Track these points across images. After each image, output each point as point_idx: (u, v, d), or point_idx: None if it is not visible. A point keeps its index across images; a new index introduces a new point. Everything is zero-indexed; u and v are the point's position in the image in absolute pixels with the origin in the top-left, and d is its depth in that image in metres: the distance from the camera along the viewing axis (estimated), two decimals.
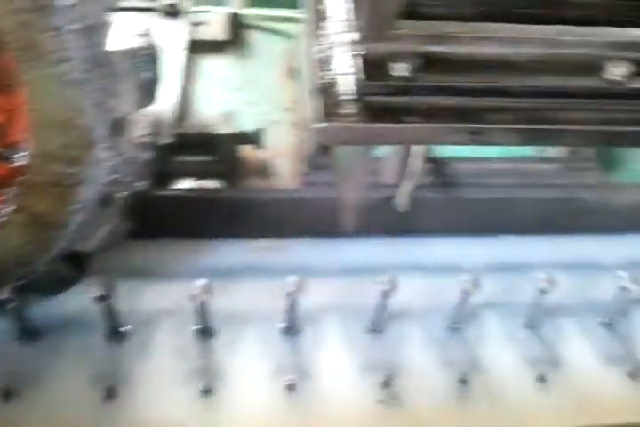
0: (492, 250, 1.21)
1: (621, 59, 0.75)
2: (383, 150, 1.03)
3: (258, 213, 1.08)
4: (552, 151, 1.18)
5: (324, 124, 0.67)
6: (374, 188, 1.04)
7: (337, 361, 1.04)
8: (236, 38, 1.61)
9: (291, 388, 0.99)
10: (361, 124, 0.67)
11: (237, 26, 1.65)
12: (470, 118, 0.69)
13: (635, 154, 1.29)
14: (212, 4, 1.71)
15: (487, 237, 1.20)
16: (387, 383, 1.01)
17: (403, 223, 1.13)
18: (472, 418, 0.98)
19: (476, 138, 0.69)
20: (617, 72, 0.74)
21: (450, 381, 1.03)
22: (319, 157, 1.07)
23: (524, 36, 0.75)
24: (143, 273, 1.10)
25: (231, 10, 1.67)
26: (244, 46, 1.60)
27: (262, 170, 1.11)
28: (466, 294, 1.08)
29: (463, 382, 1.03)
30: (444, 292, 1.12)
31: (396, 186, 1.05)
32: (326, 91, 0.69)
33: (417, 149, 1.07)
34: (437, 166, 1.12)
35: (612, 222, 1.21)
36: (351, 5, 0.75)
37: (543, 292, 1.09)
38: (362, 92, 0.69)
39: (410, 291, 1.13)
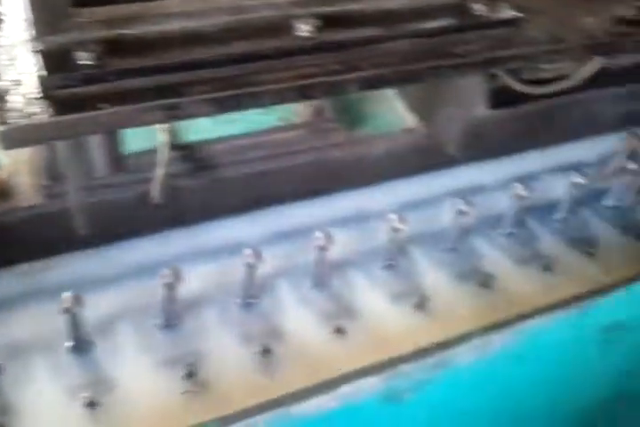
0: (267, 222, 1.23)
1: (307, 15, 0.79)
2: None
3: (7, 238, 1.01)
4: (295, 118, 1.22)
5: (1, 128, 0.63)
6: (124, 185, 1.02)
7: (136, 365, 1.01)
8: None
9: (91, 404, 0.95)
10: (46, 120, 0.65)
11: None
12: (166, 95, 0.70)
13: (374, 110, 1.38)
14: None
15: (259, 211, 1.23)
16: (190, 374, 1.00)
17: (168, 215, 1.12)
18: (279, 383, 1.00)
19: (174, 113, 0.69)
20: (305, 28, 0.77)
21: (252, 354, 1.05)
22: (55, 165, 1.02)
23: (210, 7, 0.77)
24: None
25: None
26: None
27: (3, 191, 1.04)
28: (250, 268, 1.09)
29: (266, 352, 1.05)
30: (231, 272, 1.13)
31: (149, 180, 1.04)
32: (6, 93, 0.66)
33: (161, 139, 1.07)
34: (188, 152, 1.11)
35: (367, 174, 1.28)
36: (27, 2, 0.72)
37: (323, 249, 1.14)
38: (48, 87, 0.67)
39: (197, 279, 1.13)
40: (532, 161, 1.48)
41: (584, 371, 1.30)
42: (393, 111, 1.35)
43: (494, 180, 1.43)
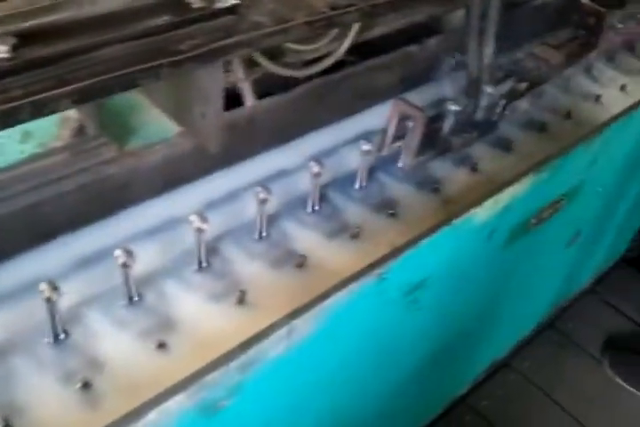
0: (59, 253, 1.17)
1: (1, 35, 0.74)
2: None
3: None
4: (55, 142, 1.16)
5: None
6: None
7: None
8: None
9: None
10: None
11: None
12: None
13: (143, 119, 1.34)
14: None
15: (46, 245, 1.16)
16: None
17: None
18: (102, 417, 0.96)
19: None
20: (2, 49, 0.73)
21: (73, 392, 1.00)
22: None
23: None
24: None
25: None
26: None
27: None
28: (50, 303, 1.04)
29: (86, 386, 1.01)
30: (32, 311, 1.07)
31: None
32: None
33: None
34: None
35: (152, 184, 1.24)
36: None
37: (125, 266, 1.10)
38: None
39: None
40: (321, 139, 1.52)
41: (397, 335, 1.34)
42: (162, 118, 1.32)
43: (290, 163, 1.45)
